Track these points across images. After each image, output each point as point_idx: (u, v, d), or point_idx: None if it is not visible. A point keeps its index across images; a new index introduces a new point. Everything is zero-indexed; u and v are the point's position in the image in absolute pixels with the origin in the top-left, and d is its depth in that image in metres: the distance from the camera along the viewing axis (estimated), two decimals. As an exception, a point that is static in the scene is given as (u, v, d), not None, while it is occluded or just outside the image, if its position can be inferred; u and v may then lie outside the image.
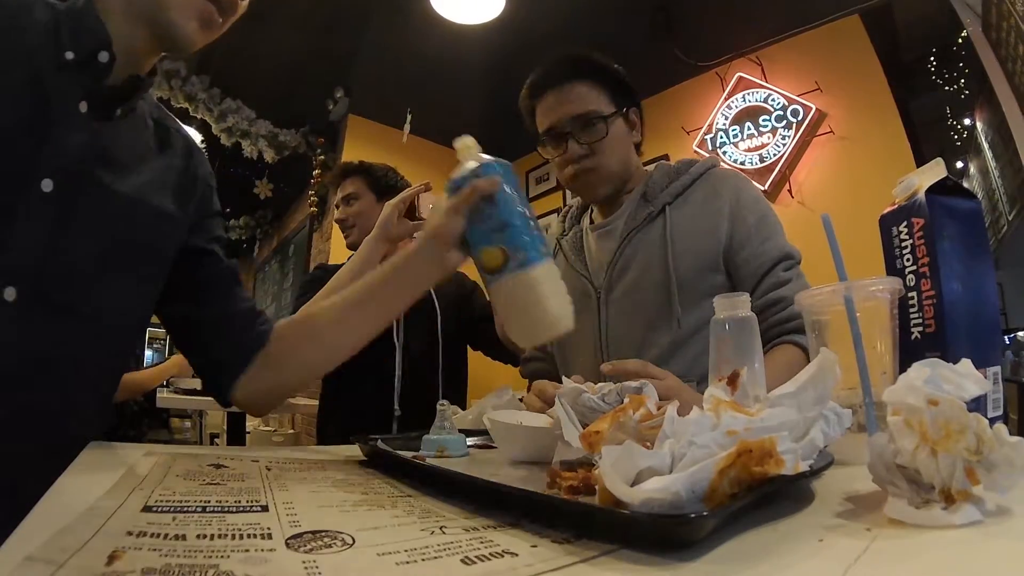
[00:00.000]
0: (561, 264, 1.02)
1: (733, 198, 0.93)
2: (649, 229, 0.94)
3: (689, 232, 0.92)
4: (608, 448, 0.30)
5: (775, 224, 0.93)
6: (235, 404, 0.70)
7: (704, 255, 0.90)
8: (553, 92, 0.95)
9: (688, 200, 0.95)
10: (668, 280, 0.89)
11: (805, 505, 0.36)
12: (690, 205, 0.94)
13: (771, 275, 0.87)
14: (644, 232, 0.95)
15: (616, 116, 0.95)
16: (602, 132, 0.93)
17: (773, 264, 0.88)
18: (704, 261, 0.90)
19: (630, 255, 0.95)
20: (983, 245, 0.60)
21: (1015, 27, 1.85)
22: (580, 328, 0.91)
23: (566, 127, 0.94)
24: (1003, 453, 0.30)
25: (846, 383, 0.47)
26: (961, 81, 2.44)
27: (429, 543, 0.29)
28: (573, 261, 1.02)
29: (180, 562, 0.24)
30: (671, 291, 0.89)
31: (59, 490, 0.37)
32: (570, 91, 0.94)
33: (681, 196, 0.96)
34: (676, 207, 0.95)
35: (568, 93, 0.94)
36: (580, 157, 0.94)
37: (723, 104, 2.92)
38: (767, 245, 0.89)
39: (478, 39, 2.81)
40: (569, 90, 0.94)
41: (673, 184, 0.97)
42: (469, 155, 0.63)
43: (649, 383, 0.56)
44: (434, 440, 0.63)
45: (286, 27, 2.80)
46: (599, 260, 0.98)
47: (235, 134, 3.30)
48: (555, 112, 0.95)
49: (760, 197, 0.97)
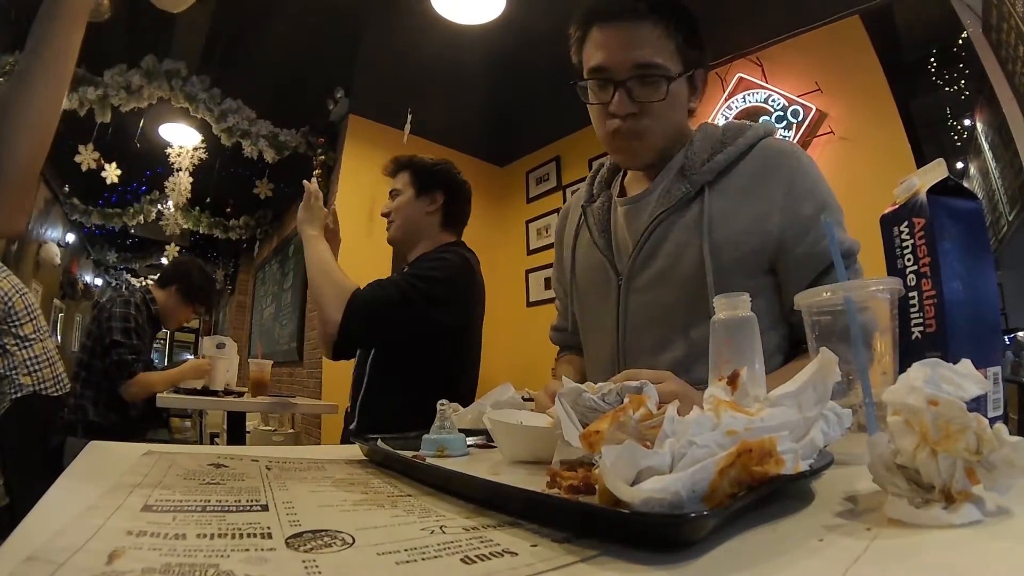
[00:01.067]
0: (584, 238, 0.91)
1: (788, 181, 0.78)
2: (684, 211, 0.80)
3: (732, 220, 0.77)
4: (608, 448, 0.30)
5: (836, 213, 0.80)
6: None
7: (749, 250, 0.77)
8: (617, 25, 0.78)
9: (733, 179, 0.80)
10: (701, 274, 0.76)
11: (805, 505, 0.36)
12: (735, 186, 0.79)
13: (828, 275, 0.75)
14: (677, 214, 0.80)
15: (682, 77, 0.79)
16: (662, 93, 0.77)
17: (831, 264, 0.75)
18: (749, 257, 0.77)
19: (658, 240, 0.81)
20: (984, 245, 0.60)
21: (1015, 28, 1.85)
22: (599, 316, 0.86)
23: (621, 74, 0.77)
24: (1003, 453, 0.30)
25: (846, 383, 0.47)
26: (961, 82, 2.44)
27: (429, 542, 0.29)
28: (596, 237, 0.88)
29: (180, 561, 0.24)
30: (706, 287, 0.75)
31: (59, 490, 0.37)
32: (638, 31, 0.77)
33: (724, 174, 0.80)
34: (718, 187, 0.80)
35: (635, 32, 0.77)
36: (628, 115, 0.79)
37: (723, 104, 2.92)
38: (825, 243, 0.75)
39: (478, 39, 2.81)
40: (637, 29, 0.77)
41: (716, 158, 0.80)
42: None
43: (649, 383, 0.56)
44: (434, 440, 0.63)
45: (286, 27, 2.80)
46: (624, 240, 0.85)
47: (235, 134, 3.30)
48: (613, 51, 0.77)
49: (819, 178, 0.81)
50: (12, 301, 2.00)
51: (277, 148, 3.45)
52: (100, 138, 3.36)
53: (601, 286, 0.86)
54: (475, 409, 0.85)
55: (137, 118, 3.31)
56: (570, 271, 0.92)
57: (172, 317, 2.41)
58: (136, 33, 2.88)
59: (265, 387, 2.41)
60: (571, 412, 0.47)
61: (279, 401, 2.41)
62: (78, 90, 2.90)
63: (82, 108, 2.95)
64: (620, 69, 0.77)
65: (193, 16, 2.76)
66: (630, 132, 0.80)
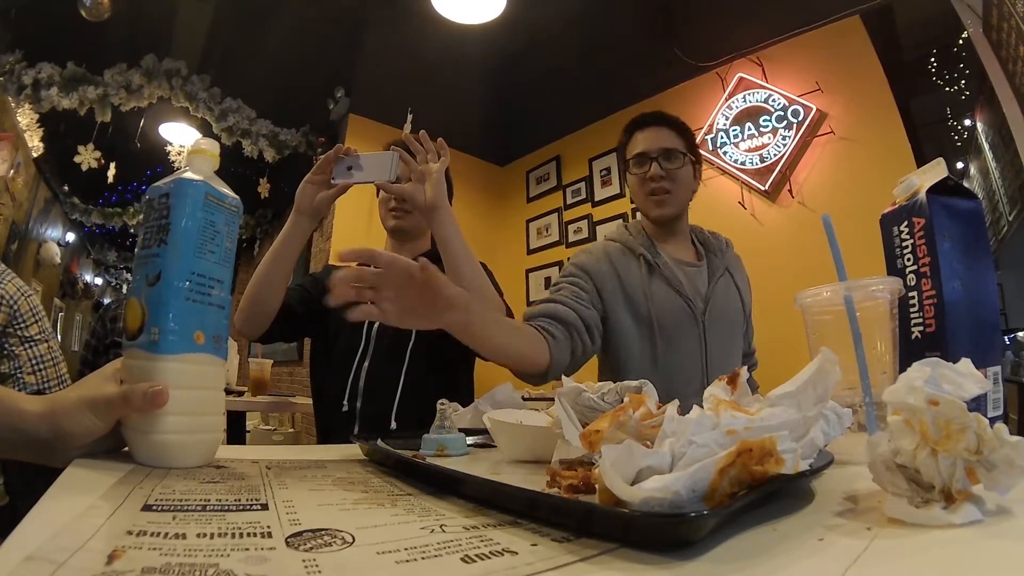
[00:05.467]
0: (661, 287, 1.19)
1: (747, 283, 1.33)
2: (724, 278, 1.25)
3: (741, 294, 1.29)
4: (608, 447, 0.30)
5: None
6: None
7: (745, 313, 1.31)
8: (650, 128, 1.25)
9: (733, 269, 1.29)
10: (733, 315, 1.25)
11: (805, 505, 0.36)
12: (735, 274, 1.30)
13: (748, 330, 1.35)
14: (723, 279, 1.25)
15: (689, 159, 1.24)
16: (680, 162, 1.21)
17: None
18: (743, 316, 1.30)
19: (719, 290, 1.23)
20: (984, 245, 0.60)
21: (1016, 28, 1.85)
22: (685, 352, 1.17)
23: (654, 153, 1.21)
24: (1003, 453, 0.30)
25: (846, 383, 0.47)
26: (962, 82, 2.44)
27: (429, 541, 0.29)
28: (676, 285, 1.20)
29: (180, 561, 0.24)
30: (735, 323, 1.26)
31: (59, 489, 0.37)
32: (661, 131, 1.24)
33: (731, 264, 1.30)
34: (733, 271, 1.29)
35: (660, 132, 1.24)
36: (660, 178, 1.20)
37: (724, 104, 2.92)
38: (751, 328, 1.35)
39: (478, 39, 2.81)
40: (660, 130, 1.24)
41: (726, 254, 1.30)
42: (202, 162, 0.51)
43: (648, 383, 0.56)
44: (434, 439, 0.63)
45: (286, 27, 2.80)
46: (693, 289, 1.20)
47: (236, 133, 3.30)
48: (647, 142, 1.23)
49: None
50: (18, 304, 2.00)
51: (277, 147, 3.46)
52: (100, 137, 3.36)
53: (686, 325, 1.18)
54: (475, 409, 0.85)
55: (137, 117, 3.31)
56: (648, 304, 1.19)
57: None
58: (136, 32, 2.89)
59: (265, 386, 2.41)
60: (571, 411, 0.47)
61: (279, 401, 2.41)
62: (78, 89, 2.90)
63: (82, 107, 2.95)
64: (653, 150, 1.22)
65: (193, 16, 2.76)
66: (661, 189, 1.20)
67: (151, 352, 0.44)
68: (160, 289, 0.44)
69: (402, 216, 1.30)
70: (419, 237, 1.36)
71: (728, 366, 1.16)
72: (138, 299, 0.45)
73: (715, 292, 1.21)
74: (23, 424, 0.45)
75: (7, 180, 3.55)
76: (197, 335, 0.45)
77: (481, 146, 4.08)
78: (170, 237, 0.44)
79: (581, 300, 1.11)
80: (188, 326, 0.45)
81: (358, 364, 1.24)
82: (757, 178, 2.80)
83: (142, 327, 0.44)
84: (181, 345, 0.44)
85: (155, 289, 0.44)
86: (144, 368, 0.44)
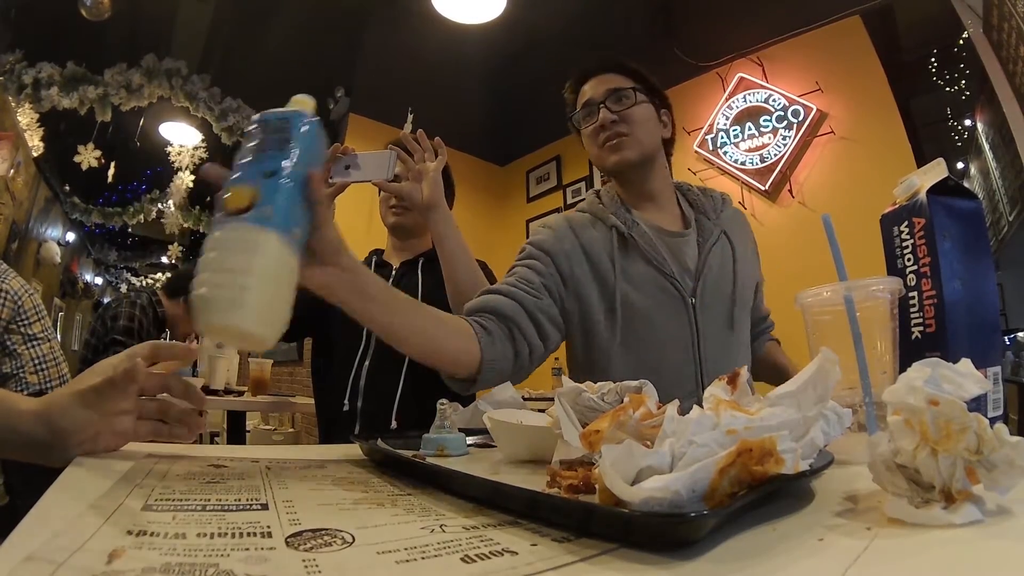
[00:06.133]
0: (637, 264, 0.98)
1: (753, 245, 1.12)
2: (719, 245, 1.03)
3: (743, 261, 1.05)
4: (608, 447, 0.30)
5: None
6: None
7: (751, 284, 1.08)
8: (594, 77, 1.07)
9: (732, 231, 1.07)
10: (733, 293, 1.01)
11: (805, 504, 0.36)
12: (735, 236, 1.07)
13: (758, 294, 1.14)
14: (717, 247, 1.03)
15: (643, 97, 1.04)
16: (631, 100, 1.02)
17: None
18: (751, 289, 1.08)
19: (713, 262, 1.01)
20: (984, 245, 0.60)
21: (1016, 28, 1.85)
22: (672, 332, 0.97)
23: (600, 98, 1.03)
24: (1003, 453, 0.30)
25: (846, 383, 0.47)
26: (962, 82, 2.44)
27: (429, 541, 0.29)
28: (655, 260, 0.98)
29: (180, 561, 0.24)
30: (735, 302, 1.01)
31: (59, 489, 0.37)
32: (607, 76, 1.06)
33: (728, 226, 1.07)
34: (731, 233, 1.06)
35: (606, 77, 1.06)
36: (611, 123, 1.01)
37: (724, 104, 2.92)
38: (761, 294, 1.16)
39: (478, 39, 2.81)
40: (606, 76, 1.06)
41: (723, 214, 1.08)
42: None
43: (648, 383, 0.56)
44: (434, 439, 0.63)
45: (286, 27, 2.80)
46: (679, 265, 0.99)
47: (236, 133, 3.30)
48: (592, 91, 1.06)
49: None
50: (21, 300, 2.00)
51: (277, 147, 3.45)
52: (100, 137, 3.36)
53: (672, 306, 0.98)
54: (475, 409, 0.86)
55: (137, 117, 3.31)
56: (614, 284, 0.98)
57: (180, 326, 2.42)
58: (136, 32, 2.89)
59: (265, 386, 2.41)
60: (571, 412, 0.47)
61: (279, 401, 2.41)
62: (78, 89, 2.90)
63: (82, 107, 2.95)
64: (597, 96, 1.04)
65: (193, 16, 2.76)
66: (615, 134, 1.02)
67: (261, 225, 0.46)
68: (276, 181, 0.48)
69: (402, 213, 1.30)
70: (420, 235, 1.35)
71: (729, 358, 0.97)
72: (251, 184, 0.48)
73: (708, 265, 0.99)
74: (20, 425, 0.46)
75: (7, 179, 3.55)
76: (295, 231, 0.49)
77: (481, 146, 4.08)
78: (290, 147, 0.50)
79: (530, 289, 0.92)
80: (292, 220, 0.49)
81: (359, 363, 1.24)
82: (757, 178, 2.80)
83: (251, 206, 0.47)
84: (286, 227, 0.48)
85: (271, 180, 0.48)
86: (247, 240, 0.46)
